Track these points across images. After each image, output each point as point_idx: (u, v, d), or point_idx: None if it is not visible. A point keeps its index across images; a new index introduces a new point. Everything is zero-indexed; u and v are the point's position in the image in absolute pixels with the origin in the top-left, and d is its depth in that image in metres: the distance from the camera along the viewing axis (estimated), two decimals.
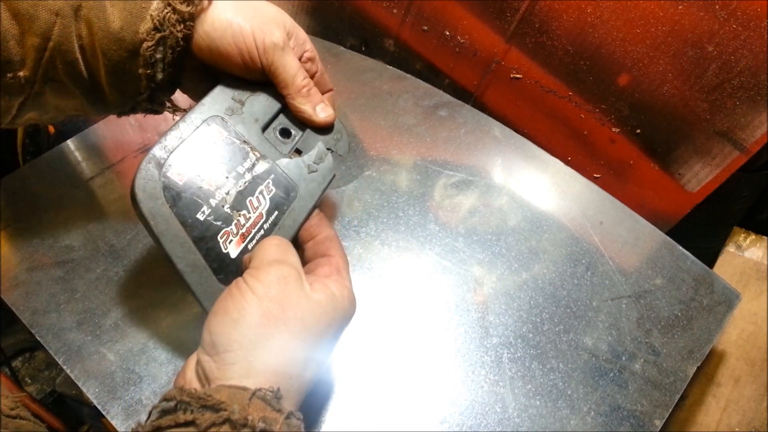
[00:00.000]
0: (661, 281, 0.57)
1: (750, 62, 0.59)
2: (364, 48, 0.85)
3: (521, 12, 0.70)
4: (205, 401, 0.32)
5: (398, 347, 0.51)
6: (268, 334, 0.35)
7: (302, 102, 0.47)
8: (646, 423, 0.48)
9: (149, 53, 0.43)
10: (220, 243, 0.40)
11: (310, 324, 0.37)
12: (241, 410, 0.31)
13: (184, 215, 0.40)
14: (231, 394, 0.32)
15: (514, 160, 0.66)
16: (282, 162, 0.45)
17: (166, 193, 0.40)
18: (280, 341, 0.35)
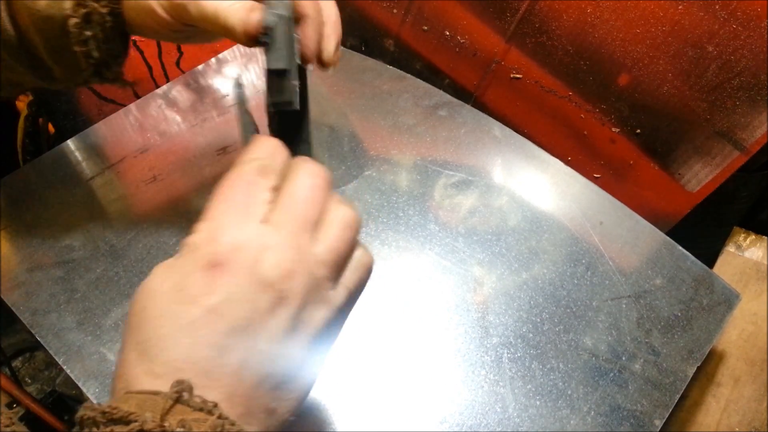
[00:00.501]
0: (661, 281, 0.57)
1: (750, 62, 0.59)
2: (364, 48, 0.85)
3: (521, 12, 0.70)
4: (111, 415, 0.26)
5: (398, 347, 0.51)
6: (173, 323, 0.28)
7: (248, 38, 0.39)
8: (646, 423, 0.48)
9: (77, 30, 0.43)
10: None
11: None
12: (154, 417, 0.25)
13: None
14: (140, 402, 0.26)
15: (514, 160, 0.66)
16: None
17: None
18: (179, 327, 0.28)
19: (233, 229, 0.29)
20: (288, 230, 0.30)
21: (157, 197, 0.60)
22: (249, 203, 0.30)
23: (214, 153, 0.64)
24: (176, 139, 0.66)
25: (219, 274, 0.28)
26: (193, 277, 0.28)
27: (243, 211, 0.30)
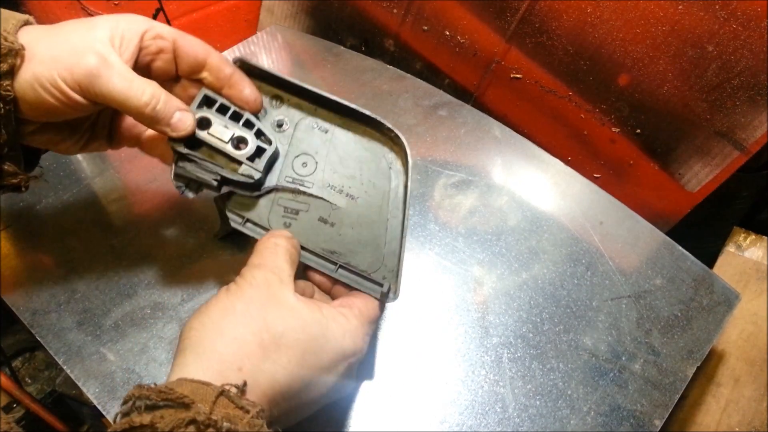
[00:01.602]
0: (660, 281, 0.57)
1: (750, 62, 0.59)
2: (364, 48, 0.85)
3: (521, 12, 0.70)
4: (166, 395, 0.29)
5: (398, 347, 0.51)
6: (225, 325, 0.34)
7: (151, 123, 0.40)
8: (646, 423, 0.48)
9: None
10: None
11: (275, 326, 0.35)
12: (207, 410, 0.29)
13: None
14: (194, 389, 0.30)
15: (514, 160, 0.66)
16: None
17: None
18: (235, 333, 0.34)
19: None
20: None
21: (157, 197, 0.60)
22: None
23: None
24: None
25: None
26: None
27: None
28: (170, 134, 0.41)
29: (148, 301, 0.52)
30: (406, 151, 0.44)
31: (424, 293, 0.54)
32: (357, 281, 0.44)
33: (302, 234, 0.45)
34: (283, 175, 0.46)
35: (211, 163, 0.43)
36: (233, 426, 0.29)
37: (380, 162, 0.46)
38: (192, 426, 0.28)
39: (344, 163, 0.46)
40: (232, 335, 0.34)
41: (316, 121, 0.47)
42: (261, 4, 0.89)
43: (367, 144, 0.47)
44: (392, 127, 0.45)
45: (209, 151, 0.43)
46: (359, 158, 0.46)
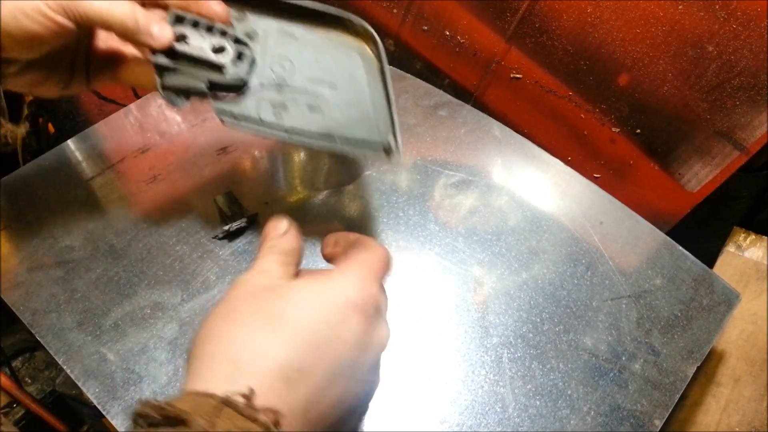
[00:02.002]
0: (660, 281, 0.57)
1: (750, 62, 0.59)
2: None
3: (521, 12, 0.70)
4: (166, 412, 0.27)
5: (398, 347, 0.51)
6: (228, 327, 0.32)
7: (134, 34, 0.42)
8: (645, 423, 0.48)
9: None
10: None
11: (275, 308, 0.33)
12: (207, 424, 0.27)
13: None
14: (195, 403, 0.28)
15: (514, 160, 0.66)
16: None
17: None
18: (235, 332, 0.32)
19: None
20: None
21: (158, 197, 0.60)
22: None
23: (215, 153, 0.64)
24: (176, 139, 0.66)
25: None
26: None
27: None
28: (152, 44, 0.42)
29: (148, 301, 0.52)
30: (373, 37, 0.48)
31: (424, 293, 0.54)
32: (359, 149, 0.47)
33: (295, 122, 0.47)
34: (263, 77, 0.48)
35: (195, 70, 0.45)
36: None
37: (351, 53, 0.50)
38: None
39: (319, 61, 0.49)
40: (234, 336, 0.32)
41: (283, 28, 0.49)
42: None
43: (336, 40, 0.50)
44: (355, 19, 0.49)
45: (191, 62, 0.45)
46: (332, 55, 0.50)
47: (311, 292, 0.34)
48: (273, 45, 0.49)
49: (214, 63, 0.45)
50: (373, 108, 0.48)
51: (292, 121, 0.47)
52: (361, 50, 0.50)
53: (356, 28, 0.49)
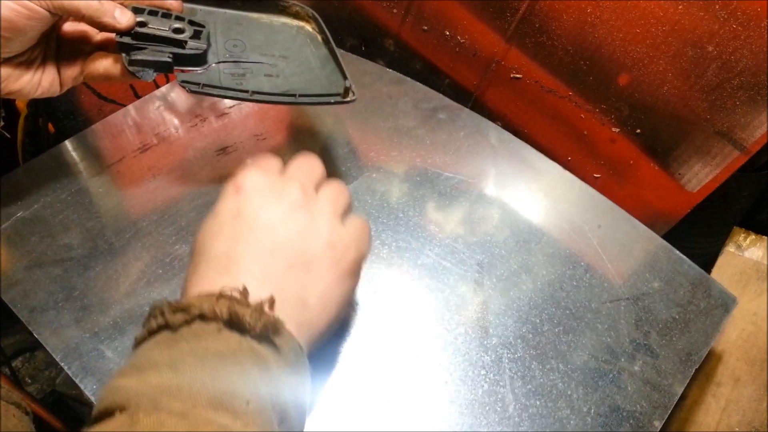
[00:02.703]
0: (658, 284, 0.57)
1: (750, 62, 0.58)
2: (364, 48, 0.85)
3: (521, 12, 0.69)
4: (176, 306, 0.33)
5: (398, 347, 0.51)
6: (218, 243, 0.38)
7: (99, 16, 0.46)
8: (645, 424, 0.48)
9: None
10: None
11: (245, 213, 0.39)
12: (209, 307, 0.32)
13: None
14: (199, 298, 0.34)
15: (513, 163, 0.66)
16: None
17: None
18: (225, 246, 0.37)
19: (251, 171, 0.41)
20: (294, 175, 0.42)
21: (156, 197, 0.60)
22: (264, 165, 0.42)
23: (213, 153, 0.64)
24: (175, 139, 0.66)
25: (240, 193, 0.39)
26: (223, 202, 0.40)
27: (260, 166, 0.42)
28: (116, 25, 0.47)
29: (146, 299, 0.52)
30: (313, 15, 0.58)
31: (424, 293, 0.54)
32: (319, 101, 0.52)
33: (255, 85, 0.52)
34: (219, 56, 0.53)
35: (158, 47, 0.49)
36: (235, 317, 0.32)
37: (295, 32, 0.58)
38: (198, 320, 0.32)
39: (267, 41, 0.56)
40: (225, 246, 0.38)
41: (230, 18, 0.56)
42: None
43: (279, 22, 0.58)
44: (295, 3, 0.58)
45: (153, 41, 0.49)
46: (279, 35, 0.57)
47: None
48: (223, 31, 0.55)
49: (175, 39, 0.49)
50: (324, 70, 0.55)
51: (253, 86, 0.52)
52: (304, 29, 0.59)
53: (295, 9, 0.58)
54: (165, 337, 0.32)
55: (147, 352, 0.32)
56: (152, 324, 0.33)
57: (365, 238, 0.43)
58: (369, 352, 0.50)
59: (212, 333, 0.32)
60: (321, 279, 0.39)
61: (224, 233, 0.38)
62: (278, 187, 0.40)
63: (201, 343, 0.31)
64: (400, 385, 0.48)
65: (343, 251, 0.40)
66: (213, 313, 0.32)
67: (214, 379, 0.30)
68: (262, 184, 0.40)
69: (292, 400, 0.34)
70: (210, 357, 0.31)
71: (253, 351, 0.32)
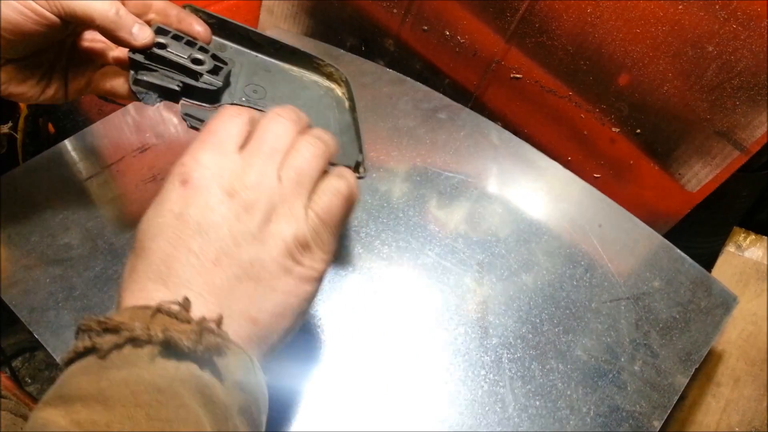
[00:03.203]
0: (659, 284, 0.57)
1: (750, 62, 0.58)
2: (364, 48, 0.85)
3: (521, 12, 0.69)
4: (105, 324, 0.29)
5: (398, 347, 0.51)
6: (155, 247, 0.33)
7: (114, 29, 0.43)
8: (645, 424, 0.48)
9: None
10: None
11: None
12: (142, 327, 0.28)
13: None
14: (132, 314, 0.29)
15: (513, 162, 0.66)
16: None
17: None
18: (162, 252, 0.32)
19: (203, 153, 0.34)
20: (253, 155, 0.35)
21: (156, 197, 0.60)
22: (222, 138, 0.35)
23: None
24: (175, 139, 0.66)
25: (186, 188, 0.33)
26: (167, 193, 0.34)
27: (216, 142, 0.35)
28: (132, 42, 0.43)
29: None
30: (345, 79, 0.52)
31: (424, 293, 0.54)
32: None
33: None
34: (235, 97, 0.48)
35: (171, 73, 0.45)
36: (173, 338, 0.28)
37: (323, 93, 0.52)
38: (129, 344, 0.28)
39: (290, 94, 0.51)
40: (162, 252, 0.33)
41: (259, 62, 0.51)
42: (261, 4, 0.89)
43: (309, 79, 0.52)
44: (329, 62, 0.51)
45: (168, 65, 0.45)
46: (304, 91, 0.51)
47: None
48: (248, 74, 0.50)
49: (191, 69, 0.45)
50: (341, 137, 0.49)
51: None
52: (333, 92, 0.52)
53: (329, 70, 0.52)
54: (93, 362, 0.28)
55: (74, 378, 0.29)
56: (79, 345, 0.29)
57: (336, 220, 0.37)
58: (369, 352, 0.50)
59: (145, 359, 0.28)
60: (273, 291, 0.33)
61: (165, 235, 0.32)
62: (232, 179, 0.34)
63: (133, 371, 0.27)
64: (400, 385, 0.48)
65: (303, 256, 0.35)
66: (147, 335, 0.28)
67: (150, 418, 0.26)
68: (212, 176, 0.33)
69: (246, 419, 0.30)
70: (144, 390, 0.27)
71: (194, 379, 0.28)
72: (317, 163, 0.36)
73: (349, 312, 0.52)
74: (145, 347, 0.28)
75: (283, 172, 0.35)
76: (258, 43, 0.51)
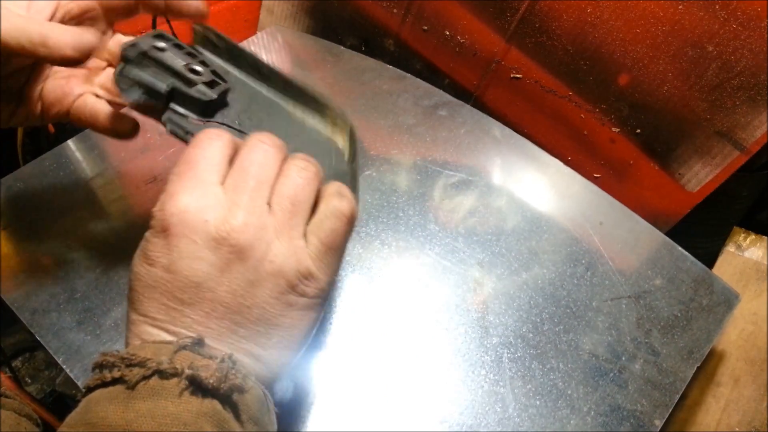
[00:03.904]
0: (660, 282, 0.57)
1: (750, 62, 0.59)
2: (364, 48, 0.85)
3: (521, 12, 0.70)
4: (129, 360, 0.29)
5: (398, 347, 0.51)
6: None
7: (48, 55, 0.37)
8: (646, 423, 0.48)
9: None
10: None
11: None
12: (169, 362, 0.29)
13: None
14: (156, 349, 0.30)
15: (514, 160, 0.66)
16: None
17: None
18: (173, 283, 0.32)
19: (182, 194, 0.32)
20: (239, 189, 0.33)
21: (158, 197, 0.60)
22: (202, 169, 0.33)
23: None
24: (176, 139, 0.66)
25: (168, 237, 0.32)
26: (152, 243, 0.32)
27: (195, 176, 0.33)
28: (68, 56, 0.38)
29: None
30: (350, 127, 0.45)
31: (424, 293, 0.54)
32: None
33: None
34: (227, 119, 0.44)
35: (162, 73, 0.41)
36: (197, 372, 0.29)
37: (323, 141, 0.46)
38: (156, 375, 0.29)
39: (288, 132, 0.45)
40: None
41: (264, 93, 0.47)
42: (261, 4, 0.89)
43: (311, 122, 0.47)
44: (336, 108, 0.45)
45: (161, 67, 0.42)
46: (302, 136, 0.46)
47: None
48: (247, 102, 0.46)
49: (185, 75, 0.42)
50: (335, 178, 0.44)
51: None
52: (335, 143, 0.47)
53: (333, 117, 0.46)
54: (119, 392, 0.29)
55: (99, 406, 0.29)
56: (105, 375, 0.29)
57: (341, 242, 0.35)
58: (369, 352, 0.50)
59: (172, 393, 0.28)
60: (277, 328, 0.33)
61: (158, 289, 0.32)
62: (217, 223, 0.31)
63: (160, 404, 0.28)
64: (400, 385, 0.48)
65: (307, 287, 0.33)
66: (173, 368, 0.28)
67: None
68: (195, 222, 0.31)
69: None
70: (170, 423, 0.27)
71: (217, 414, 0.29)
72: (311, 188, 0.35)
73: (349, 312, 0.52)
74: (171, 380, 0.28)
75: (275, 203, 0.33)
76: (265, 74, 0.46)
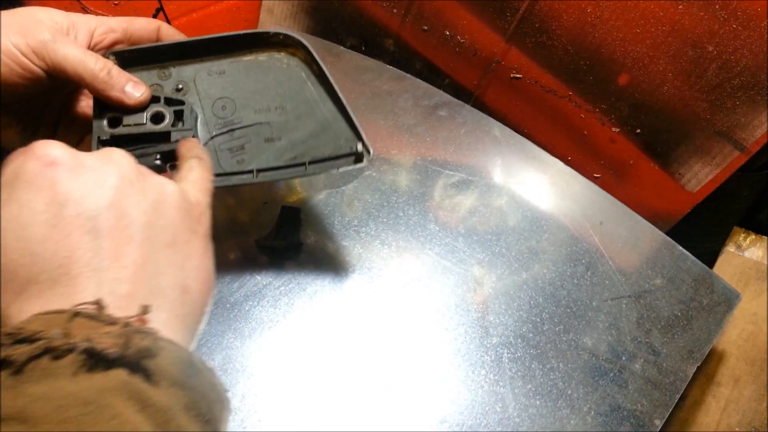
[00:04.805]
0: (661, 281, 0.57)
1: (750, 62, 0.59)
2: (364, 48, 0.85)
3: (521, 12, 0.70)
4: (16, 335, 0.25)
5: (398, 347, 0.51)
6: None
7: (105, 88, 0.41)
8: (646, 423, 0.48)
9: None
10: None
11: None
12: (61, 335, 0.25)
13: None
14: (46, 321, 0.26)
15: (514, 160, 0.66)
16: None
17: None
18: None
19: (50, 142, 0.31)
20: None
21: None
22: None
23: None
24: None
25: (53, 165, 0.29)
26: (32, 184, 0.29)
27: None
28: (126, 101, 0.42)
29: None
30: (301, 43, 0.47)
31: (424, 293, 0.54)
32: (330, 166, 0.46)
33: (259, 161, 0.46)
34: (210, 126, 0.46)
35: (142, 148, 0.43)
36: (98, 344, 0.25)
37: (286, 70, 0.48)
38: (48, 354, 0.25)
39: (258, 89, 0.47)
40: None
41: (210, 68, 0.47)
42: (261, 4, 0.89)
43: (266, 60, 0.48)
44: (277, 31, 0.47)
45: (133, 141, 0.43)
46: (268, 77, 0.48)
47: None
48: (207, 89, 0.47)
49: (157, 132, 0.43)
50: (330, 116, 0.48)
51: (256, 161, 0.46)
52: (294, 61, 0.48)
53: (279, 39, 0.47)
54: (6, 377, 0.24)
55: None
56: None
57: (205, 182, 0.36)
58: (369, 352, 0.50)
59: (68, 370, 0.24)
60: (191, 253, 0.32)
61: (59, 232, 0.28)
62: (92, 157, 0.31)
63: (55, 385, 0.24)
64: (400, 385, 0.48)
65: (198, 213, 0.34)
66: (67, 343, 0.24)
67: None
68: (71, 153, 0.30)
69: (194, 417, 0.27)
70: (70, 404, 0.24)
71: (126, 385, 0.25)
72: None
73: (349, 312, 0.52)
74: (66, 357, 0.25)
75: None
76: (197, 49, 0.47)
